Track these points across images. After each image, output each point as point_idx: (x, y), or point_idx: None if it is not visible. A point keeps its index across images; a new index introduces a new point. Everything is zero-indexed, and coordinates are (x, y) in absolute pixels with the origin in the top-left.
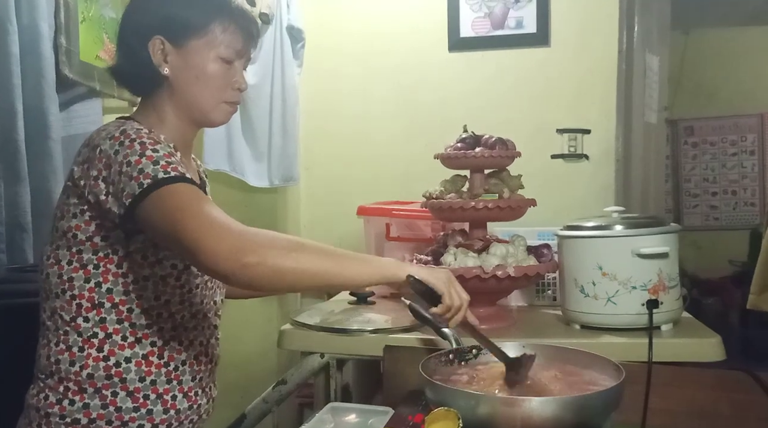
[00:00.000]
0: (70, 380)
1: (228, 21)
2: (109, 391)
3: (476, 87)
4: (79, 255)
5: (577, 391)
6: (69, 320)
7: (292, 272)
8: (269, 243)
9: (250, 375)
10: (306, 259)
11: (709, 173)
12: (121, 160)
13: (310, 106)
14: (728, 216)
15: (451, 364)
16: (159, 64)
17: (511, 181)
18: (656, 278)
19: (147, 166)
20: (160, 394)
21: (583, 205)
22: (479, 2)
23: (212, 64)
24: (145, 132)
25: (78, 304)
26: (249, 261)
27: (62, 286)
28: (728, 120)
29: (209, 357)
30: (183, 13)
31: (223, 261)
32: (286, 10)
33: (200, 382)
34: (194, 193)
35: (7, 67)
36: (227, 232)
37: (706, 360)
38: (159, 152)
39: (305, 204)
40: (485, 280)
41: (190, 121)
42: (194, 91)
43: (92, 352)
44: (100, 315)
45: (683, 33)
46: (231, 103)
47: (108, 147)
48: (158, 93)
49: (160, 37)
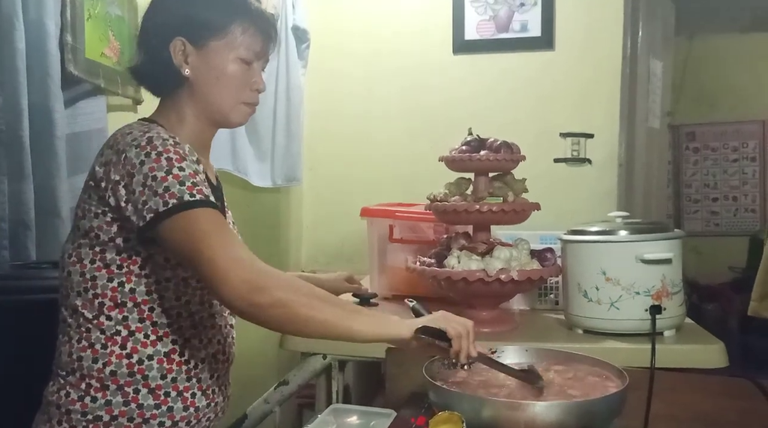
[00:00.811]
0: (93, 377)
1: (248, 22)
2: (131, 388)
3: (481, 90)
4: (102, 254)
5: (579, 396)
6: (91, 318)
7: (302, 319)
8: (283, 287)
9: (252, 375)
10: (318, 308)
11: (710, 179)
12: (146, 172)
13: (315, 106)
14: (728, 222)
15: (454, 367)
16: (180, 65)
17: (516, 185)
18: (659, 284)
19: (173, 184)
20: (180, 391)
21: (586, 209)
22: (484, 5)
23: (232, 64)
24: (171, 144)
25: (100, 303)
26: (261, 302)
27: (85, 285)
28: (730, 126)
29: (226, 355)
30: (204, 14)
31: (237, 299)
32: (291, 10)
33: (217, 380)
34: (218, 221)
35: (13, 64)
36: (244, 270)
37: (709, 366)
38: (185, 171)
39: (308, 204)
40: (488, 284)
41: (209, 121)
42: (214, 91)
43: (115, 349)
44: (122, 314)
45: (687, 39)
46: (249, 104)
47: (134, 155)
48: (178, 93)
49: (181, 38)
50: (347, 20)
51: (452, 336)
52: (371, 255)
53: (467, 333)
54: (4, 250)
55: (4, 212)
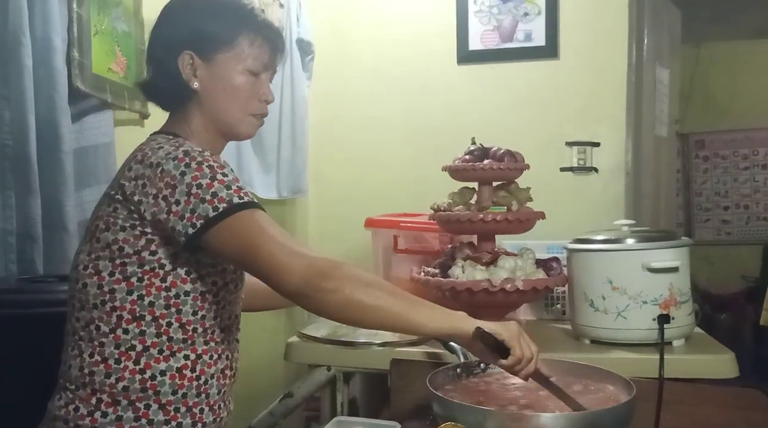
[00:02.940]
0: (104, 392)
1: (255, 34)
2: (143, 404)
3: (485, 99)
4: (123, 267)
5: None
6: (108, 331)
7: (365, 306)
8: (348, 274)
9: (257, 387)
10: (381, 297)
11: (721, 187)
12: (189, 181)
13: (319, 118)
14: (740, 231)
15: (459, 378)
16: (189, 79)
17: (520, 194)
18: (667, 293)
19: (220, 189)
20: (189, 407)
21: (593, 219)
22: (488, 15)
23: (240, 76)
24: (208, 154)
25: (119, 316)
26: (326, 287)
27: (102, 297)
28: (740, 133)
29: (233, 371)
30: (211, 27)
31: (302, 284)
32: (296, 23)
33: (223, 396)
34: (269, 219)
35: (20, 80)
36: (306, 258)
37: (719, 376)
38: (228, 177)
39: (314, 216)
40: (493, 294)
41: (219, 133)
42: (222, 103)
43: (129, 365)
44: (140, 328)
45: (694, 46)
46: (258, 116)
47: (173, 167)
48: (187, 107)
49: (189, 51)
50: (351, 32)
51: (515, 355)
52: (376, 266)
53: (531, 357)
54: (12, 264)
55: (12, 226)
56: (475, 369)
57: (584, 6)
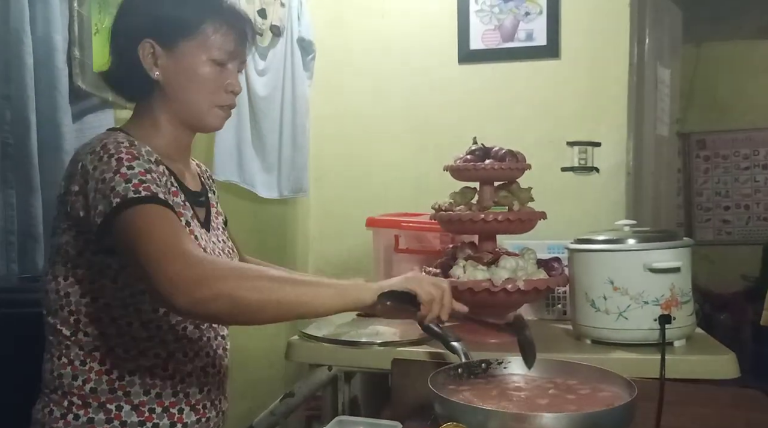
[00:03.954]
0: (74, 394)
1: (219, 21)
2: (114, 405)
3: (486, 99)
4: (74, 270)
5: (588, 408)
6: (69, 335)
7: (253, 305)
8: (225, 275)
9: (258, 387)
10: (267, 289)
11: (722, 187)
12: (97, 176)
13: (320, 117)
14: (741, 231)
15: (460, 378)
16: (149, 68)
17: (521, 194)
18: (669, 293)
19: (119, 183)
20: (166, 407)
21: (594, 219)
22: (489, 15)
23: (204, 66)
24: (125, 146)
25: (76, 320)
26: (204, 296)
27: (60, 302)
28: (741, 133)
29: (217, 368)
30: (172, 14)
31: (176, 297)
32: (297, 22)
33: (209, 394)
34: (162, 216)
35: (21, 79)
36: (179, 263)
37: (720, 377)
38: (134, 169)
39: (315, 215)
40: (495, 294)
41: (184, 125)
42: (186, 94)
43: (94, 366)
44: (99, 330)
45: (695, 46)
46: (224, 107)
47: (88, 162)
48: (151, 98)
49: (150, 40)
50: (352, 31)
51: (423, 301)
52: (377, 266)
53: (441, 295)
54: (13, 263)
55: (13, 225)
56: (477, 369)
57: (585, 6)
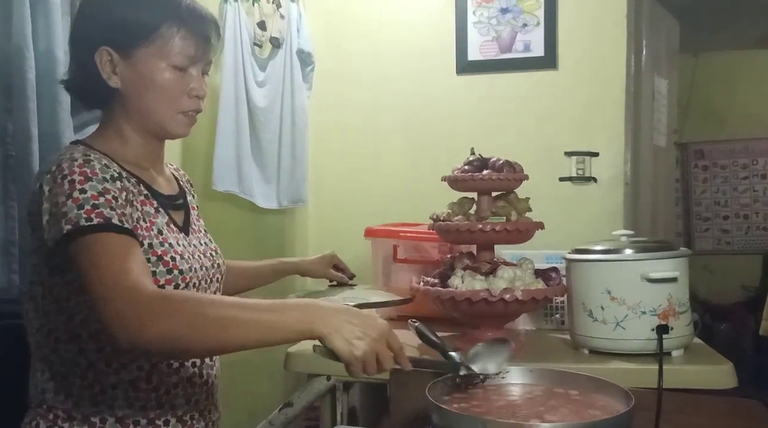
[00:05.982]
0: (58, 408)
1: (178, 25)
2: (98, 418)
3: (484, 110)
4: (51, 288)
5: (585, 418)
6: (49, 352)
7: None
8: (170, 314)
9: (256, 397)
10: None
11: (720, 197)
12: (51, 199)
13: (319, 128)
14: (740, 241)
15: (459, 388)
16: (108, 77)
17: (519, 204)
18: (666, 303)
19: (71, 209)
20: (151, 419)
21: (592, 229)
22: (487, 26)
23: (164, 72)
24: (79, 163)
25: (56, 338)
26: (144, 338)
27: (40, 321)
28: (739, 143)
29: (204, 378)
30: (127, 20)
31: (120, 336)
32: (296, 34)
33: (196, 405)
34: (112, 244)
35: (23, 93)
36: (126, 302)
37: (718, 387)
38: (86, 193)
39: (313, 225)
40: (492, 304)
41: (149, 134)
42: (146, 103)
43: (76, 381)
44: (78, 346)
45: (692, 56)
46: (189, 113)
47: (45, 182)
48: (112, 107)
49: (106, 47)
50: (351, 43)
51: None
52: (376, 276)
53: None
54: (14, 274)
55: (14, 237)
56: (475, 379)
57: (583, 17)
